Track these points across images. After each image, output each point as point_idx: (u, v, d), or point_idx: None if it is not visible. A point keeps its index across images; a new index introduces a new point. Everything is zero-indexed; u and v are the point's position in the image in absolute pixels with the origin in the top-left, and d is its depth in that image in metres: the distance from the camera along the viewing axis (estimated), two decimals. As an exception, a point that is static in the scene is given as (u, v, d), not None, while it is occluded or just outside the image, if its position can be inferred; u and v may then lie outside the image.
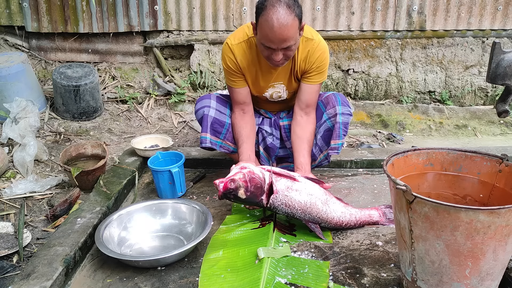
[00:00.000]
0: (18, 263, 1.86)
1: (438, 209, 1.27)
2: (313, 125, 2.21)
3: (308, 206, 1.86)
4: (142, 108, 3.60)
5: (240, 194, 1.85)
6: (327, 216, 1.88)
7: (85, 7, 3.65)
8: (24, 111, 2.84)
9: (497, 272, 1.36)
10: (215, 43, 3.75)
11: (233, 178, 1.85)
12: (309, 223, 1.89)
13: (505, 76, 1.45)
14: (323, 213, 1.88)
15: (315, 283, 1.58)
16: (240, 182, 1.84)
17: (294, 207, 1.85)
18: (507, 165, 1.49)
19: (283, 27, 1.81)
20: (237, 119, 2.22)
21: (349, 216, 1.93)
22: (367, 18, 3.75)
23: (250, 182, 1.85)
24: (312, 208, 1.86)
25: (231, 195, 1.87)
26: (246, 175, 1.86)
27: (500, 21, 3.78)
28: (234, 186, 1.84)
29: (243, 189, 1.84)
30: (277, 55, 1.91)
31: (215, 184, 1.86)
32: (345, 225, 1.93)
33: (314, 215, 1.87)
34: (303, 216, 1.87)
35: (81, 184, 2.36)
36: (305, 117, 2.20)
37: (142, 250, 1.89)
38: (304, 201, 1.86)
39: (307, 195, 1.87)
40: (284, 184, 1.87)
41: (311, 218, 1.88)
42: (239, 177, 1.86)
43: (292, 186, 1.87)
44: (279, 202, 1.85)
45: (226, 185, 1.85)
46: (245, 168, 1.90)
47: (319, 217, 1.88)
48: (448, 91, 3.91)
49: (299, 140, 2.16)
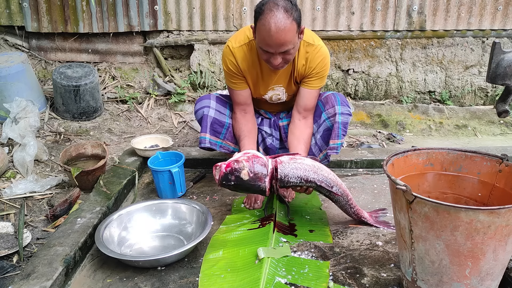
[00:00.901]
0: (18, 263, 1.86)
1: (438, 209, 1.27)
2: (310, 129, 2.22)
3: (317, 167, 1.88)
4: (142, 108, 3.60)
5: (243, 174, 1.79)
6: (336, 180, 1.92)
7: (85, 7, 3.66)
8: (24, 111, 2.84)
9: (497, 272, 1.36)
10: (215, 43, 3.75)
11: (236, 159, 1.83)
12: (323, 184, 1.88)
13: (505, 76, 1.45)
14: (333, 176, 1.91)
15: (315, 283, 1.58)
16: (244, 162, 1.81)
17: (305, 169, 1.86)
18: (507, 165, 1.49)
19: (280, 31, 1.80)
20: (238, 118, 2.22)
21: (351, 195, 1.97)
22: (367, 18, 3.75)
23: (253, 162, 1.81)
24: (322, 169, 1.89)
25: (232, 177, 1.80)
26: (250, 157, 1.84)
27: (500, 21, 3.78)
28: (237, 166, 1.79)
29: (247, 169, 1.80)
30: (275, 59, 1.91)
31: (216, 167, 1.81)
32: (350, 200, 1.95)
33: (325, 175, 1.89)
34: (316, 176, 1.87)
35: (81, 184, 2.36)
36: (303, 121, 2.20)
37: (142, 250, 1.89)
38: (312, 164, 1.88)
39: (311, 161, 1.90)
40: (287, 157, 1.89)
41: (324, 178, 1.88)
42: (243, 158, 1.83)
43: (295, 157, 1.90)
44: (289, 168, 1.84)
45: (229, 165, 1.80)
46: (248, 152, 1.89)
47: (330, 178, 1.90)
48: (448, 91, 3.91)
49: (296, 141, 2.16)
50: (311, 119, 2.23)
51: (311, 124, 2.23)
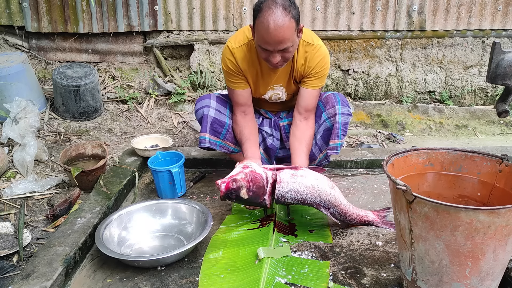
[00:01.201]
0: (18, 263, 1.86)
1: (438, 209, 1.27)
2: (311, 130, 2.21)
3: (317, 189, 1.85)
4: (142, 108, 3.60)
5: (242, 194, 1.84)
6: (335, 200, 1.88)
7: (85, 7, 3.66)
8: (24, 111, 2.84)
9: (497, 272, 1.36)
10: (215, 43, 3.75)
11: (235, 178, 1.84)
12: (321, 207, 1.88)
13: (505, 76, 1.45)
14: (332, 196, 1.87)
15: (315, 283, 1.58)
16: (242, 182, 1.83)
17: (303, 191, 1.85)
18: (507, 165, 1.49)
19: (279, 29, 1.80)
20: (238, 119, 2.22)
21: (351, 208, 1.93)
22: (367, 18, 3.75)
23: (252, 182, 1.84)
24: (321, 191, 1.86)
25: (233, 196, 1.86)
26: (248, 174, 1.85)
27: (500, 21, 3.78)
28: (236, 186, 1.83)
29: (245, 189, 1.83)
30: (274, 57, 1.91)
31: (217, 184, 1.85)
32: (348, 216, 1.92)
33: (324, 197, 1.86)
34: (313, 199, 1.86)
35: (81, 184, 2.36)
36: (304, 122, 2.20)
37: (142, 250, 1.89)
38: (312, 184, 1.85)
39: (314, 179, 1.87)
40: (288, 173, 1.87)
41: (322, 201, 1.87)
42: (241, 177, 1.84)
43: (297, 173, 1.88)
44: (287, 189, 1.85)
45: (228, 185, 1.84)
46: (247, 167, 1.89)
47: (329, 200, 1.87)
48: (448, 91, 3.91)
49: (298, 143, 2.16)
50: (312, 120, 2.22)
51: (312, 125, 2.22)
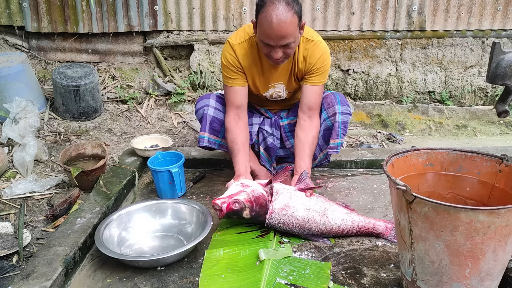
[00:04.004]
0: (18, 263, 1.86)
1: (438, 209, 1.27)
2: (315, 129, 2.16)
3: (306, 222, 1.83)
4: (142, 108, 3.60)
5: (245, 214, 1.82)
6: (325, 227, 1.85)
7: (85, 7, 3.65)
8: (24, 111, 2.84)
9: (497, 272, 1.36)
10: (215, 43, 3.75)
11: (237, 199, 1.81)
12: (310, 237, 1.86)
13: (505, 76, 1.45)
14: (321, 225, 1.84)
15: (316, 284, 1.58)
16: (245, 203, 1.81)
17: (292, 224, 1.83)
18: (507, 165, 1.49)
19: (282, 24, 1.81)
20: (231, 125, 2.15)
21: (350, 223, 1.88)
22: (367, 18, 3.75)
23: (255, 202, 1.82)
24: (310, 223, 1.83)
25: (234, 216, 1.84)
26: (250, 194, 1.82)
27: (500, 21, 3.78)
28: (238, 207, 1.80)
29: (248, 209, 1.81)
30: (276, 53, 1.91)
31: (215, 205, 1.81)
32: (347, 232, 1.88)
33: (312, 229, 1.84)
34: (301, 232, 1.85)
35: (81, 184, 2.36)
36: (308, 121, 2.15)
37: (142, 250, 1.89)
38: (302, 216, 1.83)
39: (304, 210, 1.84)
40: (281, 203, 1.84)
41: (310, 233, 1.85)
42: (244, 197, 1.81)
43: (289, 203, 1.84)
44: (276, 221, 1.83)
45: (230, 206, 1.80)
46: (247, 186, 1.86)
47: (317, 231, 1.85)
48: (448, 91, 3.91)
49: (301, 144, 2.13)
50: (316, 119, 2.18)
51: (316, 124, 2.17)
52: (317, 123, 2.18)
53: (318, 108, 2.19)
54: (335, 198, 2.26)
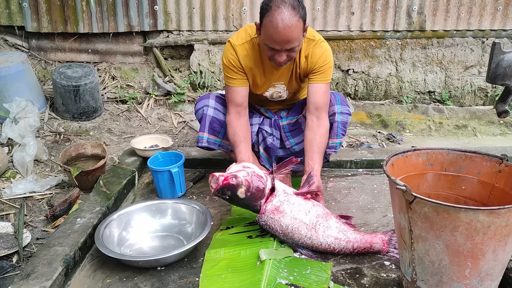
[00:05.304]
0: (18, 263, 1.86)
1: (438, 209, 1.27)
2: (324, 127, 2.11)
3: (290, 231, 1.75)
4: (142, 108, 3.60)
5: (239, 192, 1.75)
6: (311, 242, 1.75)
7: (85, 7, 3.65)
8: (24, 111, 2.84)
9: (496, 272, 1.36)
10: (215, 43, 3.75)
11: (236, 174, 1.75)
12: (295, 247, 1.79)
13: (505, 76, 1.45)
14: (307, 238, 1.75)
15: (316, 284, 1.58)
16: (242, 180, 1.74)
17: (276, 230, 1.77)
18: (507, 165, 1.49)
19: (287, 28, 1.80)
20: (232, 121, 2.14)
21: (344, 243, 1.76)
22: (367, 18, 3.75)
23: (253, 182, 1.76)
24: (293, 233, 1.75)
25: (228, 192, 1.76)
26: (250, 174, 1.77)
27: (500, 21, 3.78)
28: (235, 183, 1.74)
29: (244, 188, 1.74)
30: (280, 56, 1.91)
31: (213, 176, 1.75)
32: (338, 252, 1.77)
33: (296, 240, 1.76)
34: (285, 239, 1.78)
35: (81, 184, 2.36)
36: (316, 122, 2.10)
37: (142, 250, 1.89)
38: (286, 224, 1.75)
39: (290, 219, 1.75)
40: (273, 205, 1.77)
41: (294, 243, 1.78)
42: (243, 175, 1.76)
43: (280, 208, 1.76)
44: (263, 222, 1.79)
45: (227, 179, 1.73)
46: (248, 167, 1.81)
47: (302, 243, 1.76)
48: (448, 91, 3.91)
49: (309, 144, 2.09)
50: (324, 118, 2.12)
51: (324, 123, 2.11)
52: (325, 121, 2.13)
53: (325, 107, 2.14)
54: (335, 198, 2.26)
